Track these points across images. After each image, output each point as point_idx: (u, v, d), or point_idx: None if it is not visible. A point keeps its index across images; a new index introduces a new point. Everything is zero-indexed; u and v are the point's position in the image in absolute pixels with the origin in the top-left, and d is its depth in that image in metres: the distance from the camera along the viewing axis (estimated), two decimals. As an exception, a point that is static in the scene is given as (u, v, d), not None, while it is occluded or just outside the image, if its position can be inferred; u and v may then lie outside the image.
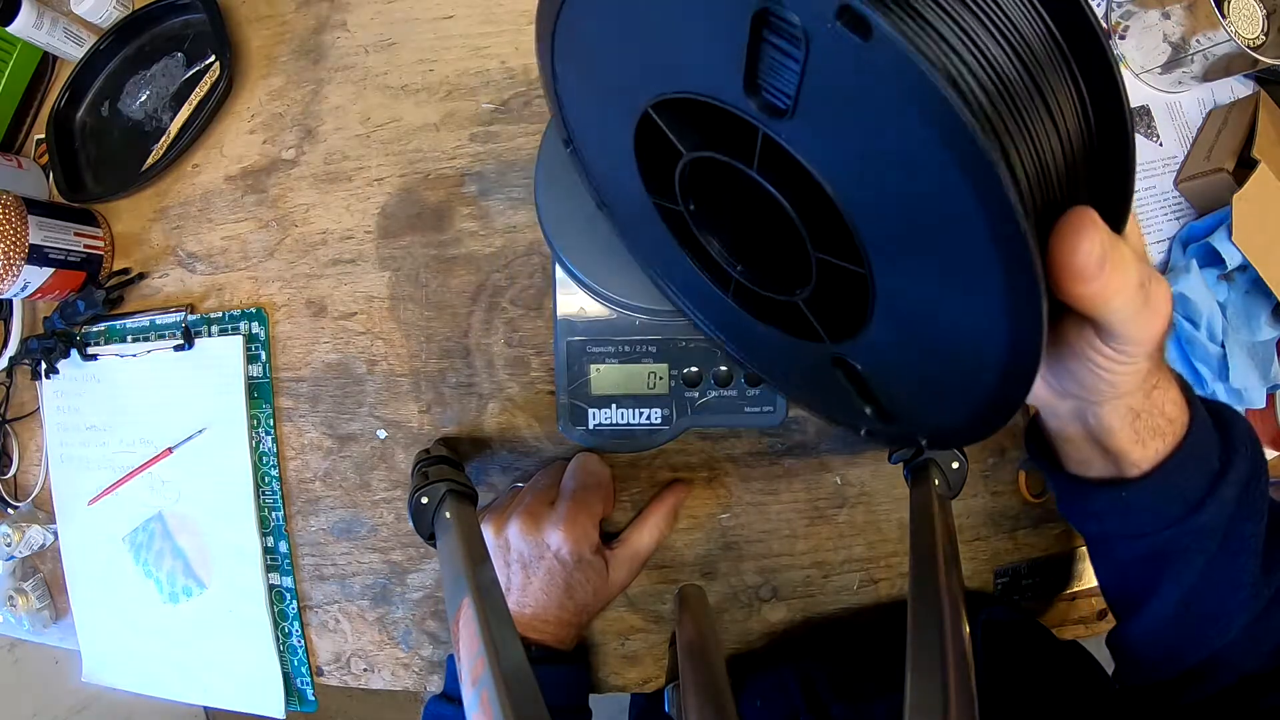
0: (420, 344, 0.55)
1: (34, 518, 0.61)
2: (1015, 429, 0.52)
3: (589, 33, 0.27)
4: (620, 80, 0.28)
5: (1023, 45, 0.22)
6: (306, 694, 0.57)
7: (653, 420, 0.49)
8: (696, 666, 0.35)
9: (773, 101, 0.22)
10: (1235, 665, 0.37)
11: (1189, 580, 0.36)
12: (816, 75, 0.20)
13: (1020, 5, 0.22)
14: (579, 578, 0.46)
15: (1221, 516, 0.35)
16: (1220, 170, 0.51)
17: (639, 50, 0.26)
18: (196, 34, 0.60)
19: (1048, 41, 0.23)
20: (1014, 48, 0.22)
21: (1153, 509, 0.35)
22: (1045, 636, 0.48)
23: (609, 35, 0.27)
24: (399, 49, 0.57)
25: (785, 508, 0.52)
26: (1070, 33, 0.23)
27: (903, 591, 0.53)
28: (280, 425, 0.56)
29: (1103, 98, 0.24)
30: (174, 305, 0.58)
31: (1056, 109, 0.23)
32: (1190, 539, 0.35)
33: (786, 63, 0.21)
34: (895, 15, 0.19)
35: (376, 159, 0.56)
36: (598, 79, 0.30)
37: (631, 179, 0.32)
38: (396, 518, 0.55)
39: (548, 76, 0.32)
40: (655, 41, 0.25)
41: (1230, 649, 0.36)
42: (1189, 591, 0.36)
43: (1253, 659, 0.37)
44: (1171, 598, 0.37)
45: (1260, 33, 0.52)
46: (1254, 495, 0.36)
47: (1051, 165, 0.23)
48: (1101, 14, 0.56)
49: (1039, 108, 0.22)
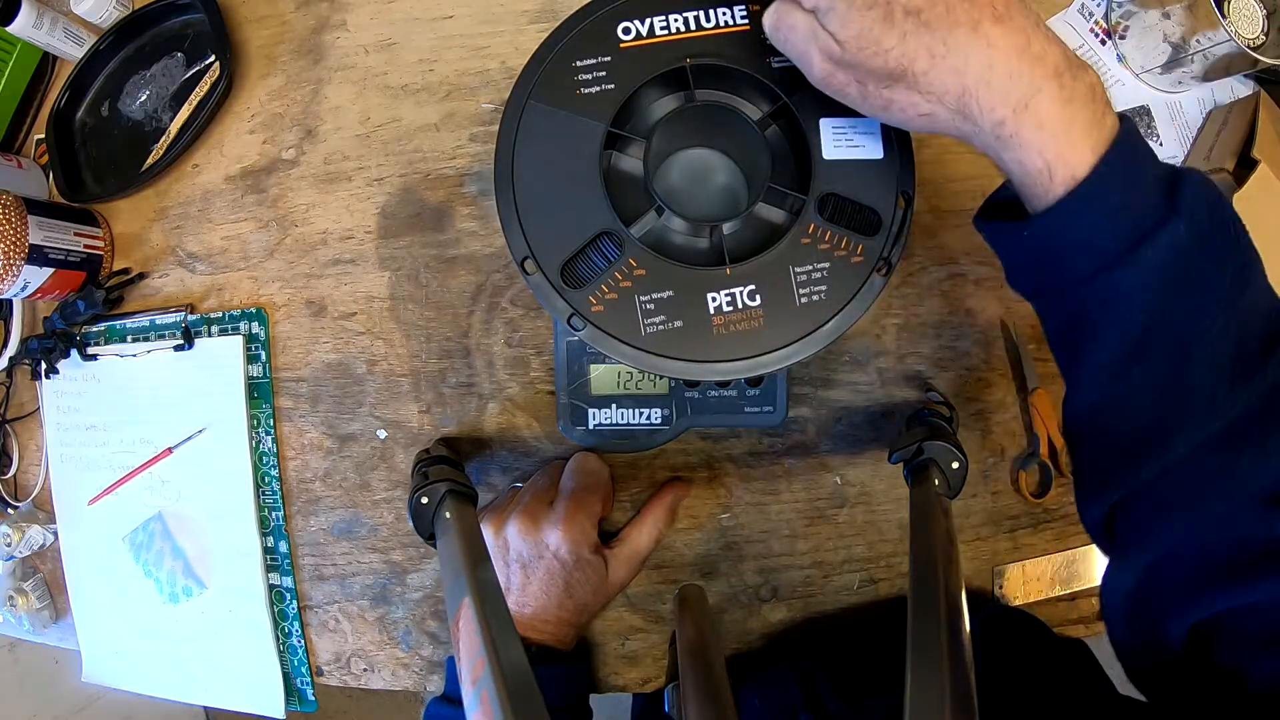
0: (420, 344, 0.55)
1: (34, 518, 0.61)
2: (1013, 430, 0.52)
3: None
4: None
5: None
6: (306, 694, 0.57)
7: (652, 420, 0.49)
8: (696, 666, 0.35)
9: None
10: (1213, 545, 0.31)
11: (1107, 356, 0.31)
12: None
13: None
14: (578, 577, 0.46)
15: (1144, 289, 0.30)
16: (1220, 170, 0.51)
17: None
18: (196, 34, 0.60)
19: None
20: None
21: (1053, 253, 0.31)
22: (1045, 636, 0.48)
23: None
24: (399, 49, 0.57)
25: (785, 508, 0.52)
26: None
27: (903, 591, 0.53)
28: (280, 425, 0.56)
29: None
30: (174, 305, 0.58)
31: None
32: (1102, 307, 0.31)
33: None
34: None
35: (376, 159, 0.56)
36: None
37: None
38: (396, 518, 0.55)
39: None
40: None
41: (1193, 498, 0.31)
42: (1111, 374, 0.32)
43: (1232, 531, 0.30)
44: (1094, 380, 0.32)
45: (1260, 33, 0.52)
46: (1205, 274, 0.30)
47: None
48: (1101, 14, 0.56)
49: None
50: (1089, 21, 0.56)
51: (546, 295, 0.37)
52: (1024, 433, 0.53)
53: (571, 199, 0.38)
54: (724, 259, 0.37)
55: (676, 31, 0.39)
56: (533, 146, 0.38)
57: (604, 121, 0.38)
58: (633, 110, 0.40)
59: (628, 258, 0.37)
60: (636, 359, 0.36)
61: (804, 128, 0.38)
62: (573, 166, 0.38)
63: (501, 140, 0.38)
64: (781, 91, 0.38)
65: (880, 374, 0.52)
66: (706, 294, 0.37)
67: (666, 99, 0.41)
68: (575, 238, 0.37)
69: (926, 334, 0.52)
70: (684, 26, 0.39)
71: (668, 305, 0.36)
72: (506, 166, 0.38)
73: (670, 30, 0.39)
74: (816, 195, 0.37)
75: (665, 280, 0.37)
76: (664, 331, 0.36)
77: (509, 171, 0.38)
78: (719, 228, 0.38)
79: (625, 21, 0.39)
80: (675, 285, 0.37)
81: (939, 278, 0.53)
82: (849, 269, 0.37)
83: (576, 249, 0.37)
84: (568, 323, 0.36)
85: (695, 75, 0.39)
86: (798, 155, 0.39)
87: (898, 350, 0.52)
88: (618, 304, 0.36)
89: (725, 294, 0.37)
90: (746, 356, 0.36)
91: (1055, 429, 0.52)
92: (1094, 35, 0.56)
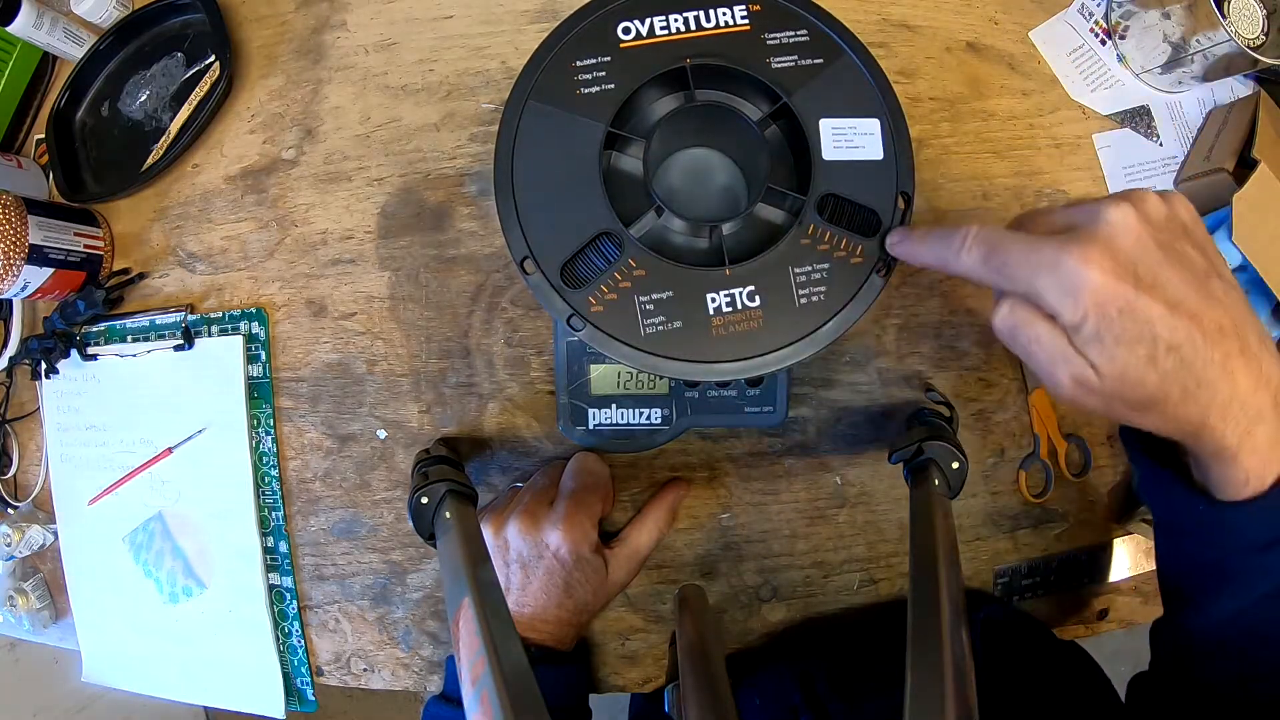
0: (420, 344, 0.55)
1: (34, 518, 0.61)
2: (1013, 430, 0.52)
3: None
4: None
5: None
6: (306, 694, 0.57)
7: (652, 420, 0.49)
8: (696, 666, 0.35)
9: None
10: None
11: (1246, 601, 0.35)
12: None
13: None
14: (578, 577, 0.46)
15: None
16: (1220, 170, 0.51)
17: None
18: (196, 34, 0.60)
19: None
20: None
21: (1222, 527, 0.35)
22: (1045, 636, 0.48)
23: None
24: (399, 49, 0.57)
25: (785, 508, 0.52)
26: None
27: (903, 591, 0.53)
28: (280, 425, 0.56)
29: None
30: (174, 305, 0.58)
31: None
32: (1246, 569, 0.35)
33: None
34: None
35: (376, 159, 0.56)
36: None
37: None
38: (396, 518, 0.55)
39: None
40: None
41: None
42: (1244, 610, 0.36)
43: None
44: (1228, 607, 0.36)
45: (1260, 33, 0.52)
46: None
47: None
48: (1101, 14, 0.56)
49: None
50: (1089, 21, 0.56)
51: (546, 295, 0.37)
52: (1024, 433, 0.53)
53: (571, 199, 0.38)
54: (724, 259, 0.37)
55: (676, 31, 0.39)
56: (532, 146, 0.38)
57: (604, 121, 0.38)
58: (632, 110, 0.40)
59: (627, 258, 0.37)
60: (636, 359, 0.36)
61: (804, 128, 0.38)
62: (572, 166, 0.38)
63: (501, 140, 0.38)
64: (781, 91, 0.38)
65: (880, 374, 0.52)
66: (706, 294, 0.37)
67: (666, 99, 0.41)
68: (575, 238, 0.37)
69: (926, 334, 0.52)
70: (684, 26, 0.39)
71: (667, 305, 0.36)
72: (506, 166, 0.38)
73: (670, 30, 0.39)
74: (816, 196, 0.37)
75: (665, 280, 0.37)
76: (663, 332, 0.36)
77: (508, 171, 0.38)
78: (719, 228, 0.38)
79: (625, 21, 0.39)
80: (675, 285, 0.37)
81: (939, 278, 0.53)
82: (849, 269, 0.37)
83: (576, 249, 0.37)
84: (567, 323, 0.36)
85: (695, 75, 0.39)
86: (798, 155, 0.39)
87: (898, 350, 0.52)
88: (617, 304, 0.36)
89: (725, 294, 0.37)
90: (746, 357, 0.36)
91: (1055, 429, 0.52)
92: (1094, 35, 0.56)
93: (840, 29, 0.40)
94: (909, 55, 0.55)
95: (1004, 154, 0.54)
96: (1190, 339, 0.29)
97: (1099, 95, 0.56)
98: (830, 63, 0.39)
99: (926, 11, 0.56)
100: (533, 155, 0.38)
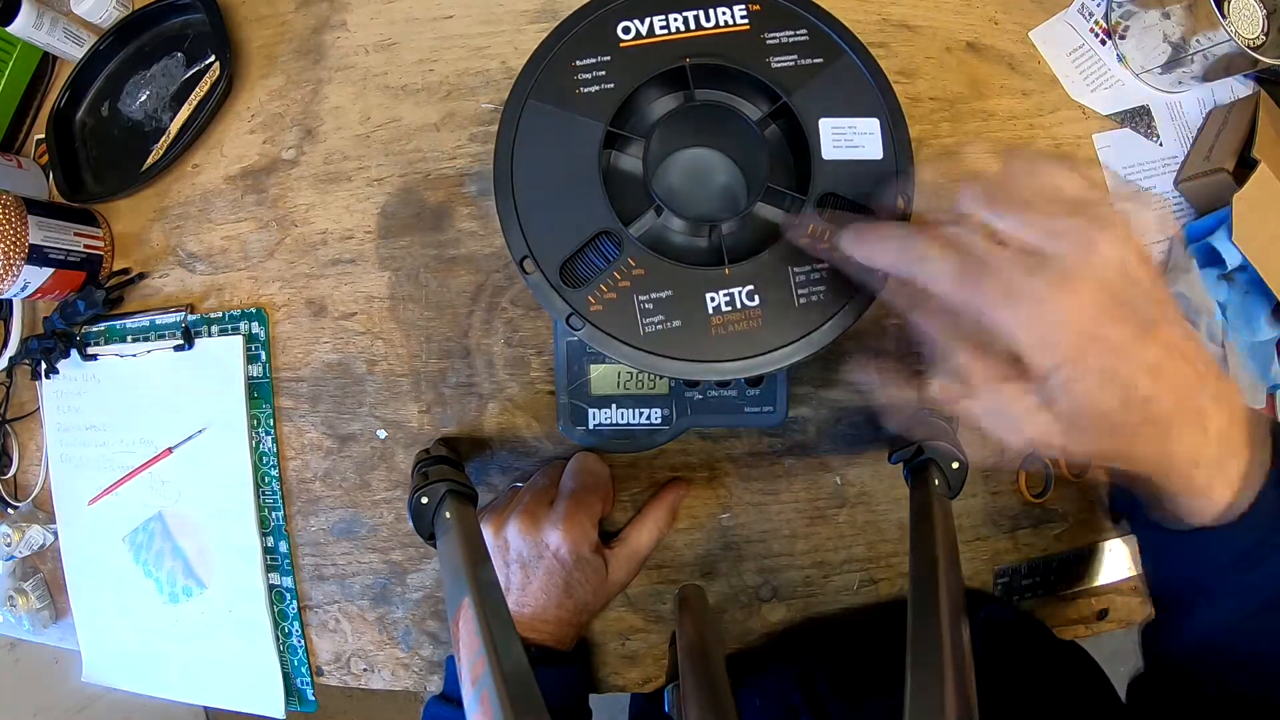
0: (420, 344, 0.55)
1: (34, 518, 0.61)
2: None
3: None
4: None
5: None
6: (306, 694, 0.57)
7: (652, 420, 0.49)
8: (696, 666, 0.35)
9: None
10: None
11: (1233, 616, 0.36)
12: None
13: None
14: (578, 577, 0.46)
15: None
16: (1220, 170, 0.51)
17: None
18: (196, 34, 0.60)
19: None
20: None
21: (1197, 543, 0.35)
22: (1045, 636, 0.48)
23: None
24: (399, 49, 0.57)
25: (785, 508, 0.52)
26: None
27: (903, 591, 0.53)
28: (280, 425, 0.56)
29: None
30: (174, 305, 0.58)
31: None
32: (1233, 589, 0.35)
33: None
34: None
35: (376, 159, 0.56)
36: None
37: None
38: (396, 518, 0.55)
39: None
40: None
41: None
42: (1230, 625, 0.36)
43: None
44: (1215, 618, 0.37)
45: (1260, 33, 0.52)
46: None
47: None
48: (1101, 14, 0.56)
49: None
50: (1089, 21, 0.56)
51: (545, 295, 0.37)
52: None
53: (570, 198, 0.38)
54: (723, 259, 0.37)
55: (676, 31, 0.39)
56: (532, 146, 0.38)
57: (603, 121, 0.38)
58: (632, 110, 0.40)
59: (627, 257, 0.37)
60: (635, 359, 0.36)
61: (804, 128, 0.38)
62: (572, 166, 0.38)
63: (501, 140, 0.38)
64: (781, 91, 0.38)
65: (880, 374, 0.52)
66: (705, 294, 0.37)
67: (666, 99, 0.41)
68: (574, 237, 0.37)
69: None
70: (684, 26, 0.39)
71: (666, 305, 0.36)
72: (506, 166, 0.38)
73: (670, 30, 0.39)
74: (816, 195, 0.37)
75: (664, 280, 0.37)
76: (663, 331, 0.36)
77: (508, 171, 0.38)
78: (718, 227, 0.38)
79: (625, 21, 0.39)
80: (674, 285, 0.37)
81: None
82: (848, 269, 0.37)
83: (575, 248, 0.37)
84: (567, 322, 0.36)
85: (695, 75, 0.39)
86: (797, 155, 0.39)
87: (898, 350, 0.52)
88: (616, 304, 0.36)
89: (724, 294, 0.37)
90: (745, 356, 0.36)
91: (1055, 429, 0.52)
92: (1094, 35, 0.56)
93: (840, 29, 0.40)
94: (909, 55, 0.55)
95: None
96: (1160, 390, 0.29)
97: (1099, 95, 0.56)
98: (830, 62, 0.39)
99: (926, 11, 0.56)
100: (532, 155, 0.38)
